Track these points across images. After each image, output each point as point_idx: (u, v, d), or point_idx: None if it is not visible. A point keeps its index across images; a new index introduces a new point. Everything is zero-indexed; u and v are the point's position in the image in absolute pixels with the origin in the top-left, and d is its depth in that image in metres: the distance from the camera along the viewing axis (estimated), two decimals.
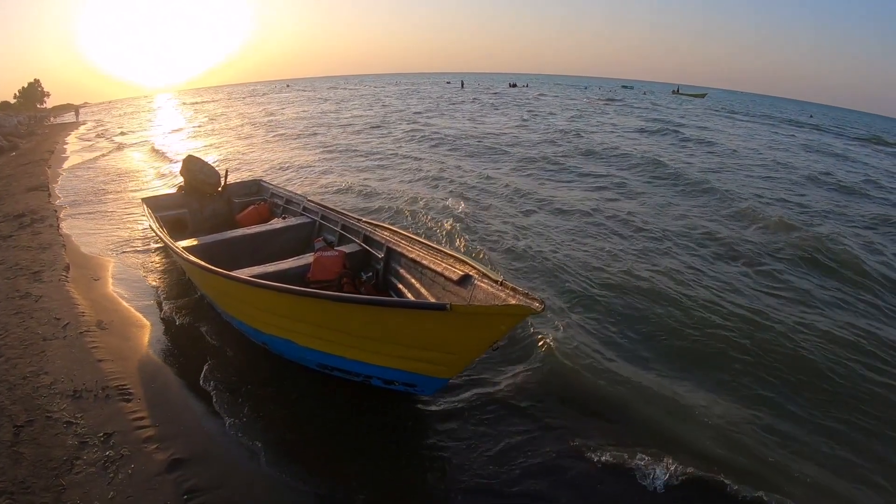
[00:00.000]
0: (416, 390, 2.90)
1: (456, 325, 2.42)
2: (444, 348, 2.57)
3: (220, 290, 3.78)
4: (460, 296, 2.97)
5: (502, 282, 2.68)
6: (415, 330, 2.57)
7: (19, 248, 6.13)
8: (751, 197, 8.59)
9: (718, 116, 29.41)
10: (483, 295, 2.78)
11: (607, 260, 5.56)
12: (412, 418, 3.11)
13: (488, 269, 2.91)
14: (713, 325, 4.17)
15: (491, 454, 2.81)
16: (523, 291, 2.49)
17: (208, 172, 6.34)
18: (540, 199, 8.28)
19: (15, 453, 2.73)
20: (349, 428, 3.02)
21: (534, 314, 2.33)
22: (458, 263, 3.18)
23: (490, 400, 3.25)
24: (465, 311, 2.37)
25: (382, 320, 2.66)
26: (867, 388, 3.49)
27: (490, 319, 2.37)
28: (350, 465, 2.75)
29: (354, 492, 2.59)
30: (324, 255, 4.10)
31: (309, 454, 2.83)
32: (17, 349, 3.79)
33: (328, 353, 3.03)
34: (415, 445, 2.92)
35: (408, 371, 2.76)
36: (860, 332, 4.19)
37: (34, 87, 58.55)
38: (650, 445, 2.83)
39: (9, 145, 17.78)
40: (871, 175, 12.26)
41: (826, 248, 5.92)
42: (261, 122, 23.65)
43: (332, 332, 2.92)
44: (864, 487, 2.68)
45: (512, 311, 2.34)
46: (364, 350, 2.85)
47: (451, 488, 2.63)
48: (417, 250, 3.71)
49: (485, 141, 14.49)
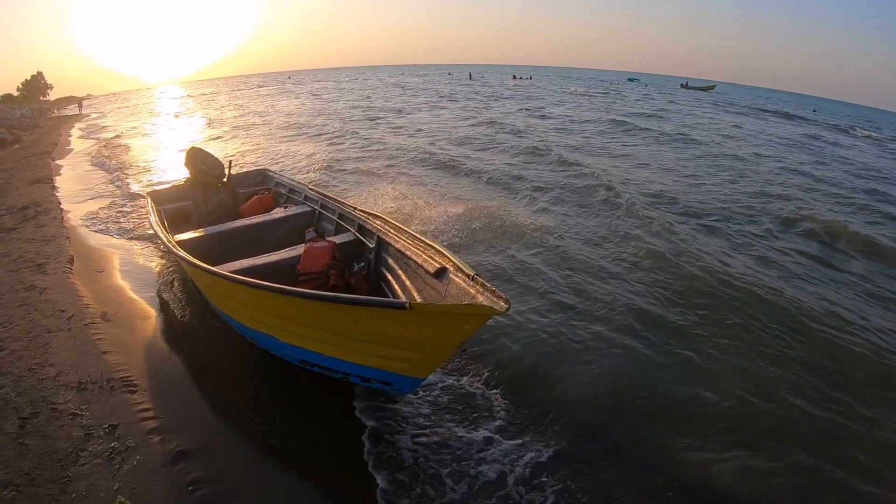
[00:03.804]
0: (393, 389, 2.85)
1: (419, 324, 2.36)
2: (411, 347, 2.51)
3: (207, 285, 3.78)
4: (437, 289, 2.93)
5: (474, 276, 2.63)
6: (380, 328, 2.52)
7: (23, 241, 6.14)
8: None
9: (700, 107, 29.11)
10: (456, 290, 2.73)
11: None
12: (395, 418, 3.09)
13: (462, 262, 2.85)
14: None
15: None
16: (491, 288, 2.43)
17: (211, 163, 6.31)
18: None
19: (20, 445, 2.74)
20: (349, 424, 3.03)
21: (497, 315, 2.21)
22: (436, 255, 3.15)
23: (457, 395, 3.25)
24: (425, 310, 2.29)
25: (350, 318, 2.61)
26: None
27: (452, 319, 2.27)
28: (349, 465, 2.75)
29: (357, 487, 2.59)
30: (314, 247, 4.05)
31: (310, 450, 2.84)
32: (21, 341, 3.80)
33: (307, 350, 3.01)
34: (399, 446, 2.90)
35: (382, 369, 2.72)
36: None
37: (37, 80, 58.55)
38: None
39: (12, 137, 17.80)
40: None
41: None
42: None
43: (308, 329, 2.89)
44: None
45: (474, 312, 2.23)
46: (339, 347, 2.81)
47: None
48: (404, 240, 3.67)
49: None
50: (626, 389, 3.34)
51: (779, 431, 3.02)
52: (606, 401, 3.24)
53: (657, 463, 2.77)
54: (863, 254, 6.08)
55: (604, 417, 3.11)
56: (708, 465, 2.75)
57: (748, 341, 3.89)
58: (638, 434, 2.98)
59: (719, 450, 2.86)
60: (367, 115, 20.32)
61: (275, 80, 69.00)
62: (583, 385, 3.38)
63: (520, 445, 2.85)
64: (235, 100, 34.83)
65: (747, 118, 24.90)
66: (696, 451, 2.84)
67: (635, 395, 3.29)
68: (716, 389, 3.34)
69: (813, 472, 2.73)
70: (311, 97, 33.16)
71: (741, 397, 3.27)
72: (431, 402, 3.19)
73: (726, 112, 27.56)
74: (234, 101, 33.05)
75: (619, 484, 2.64)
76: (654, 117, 20.69)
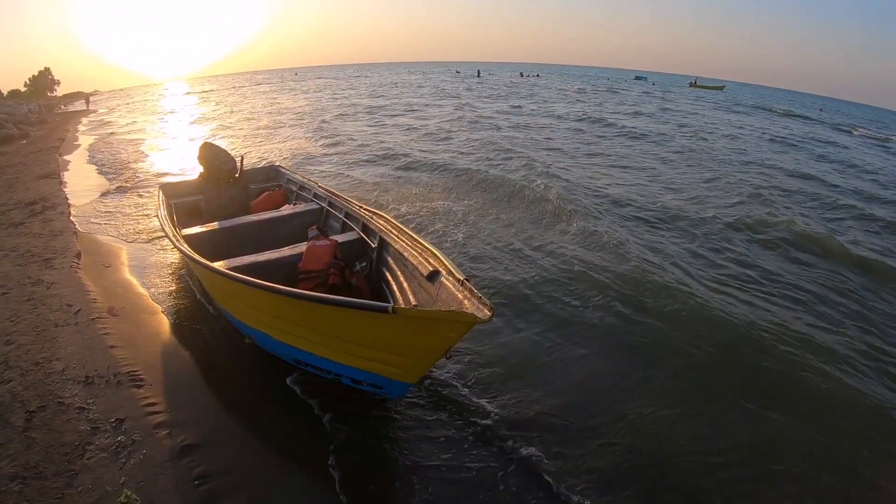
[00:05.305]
0: (382, 392, 2.83)
1: (403, 328, 2.35)
2: (397, 351, 2.50)
3: (208, 281, 3.77)
4: (429, 292, 2.92)
5: (464, 281, 2.62)
6: (367, 331, 2.52)
7: (31, 236, 6.18)
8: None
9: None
10: (446, 294, 2.71)
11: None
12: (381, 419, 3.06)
13: (454, 265, 2.83)
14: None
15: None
16: (478, 295, 2.41)
17: (224, 159, 6.31)
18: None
19: (27, 438, 2.76)
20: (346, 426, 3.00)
21: (481, 323, 2.19)
22: (431, 258, 3.13)
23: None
24: (409, 314, 2.28)
25: (338, 319, 2.60)
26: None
27: (436, 325, 2.26)
28: (350, 462, 2.74)
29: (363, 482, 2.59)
30: (315, 245, 4.02)
31: (311, 446, 2.83)
32: (29, 335, 3.81)
33: (300, 349, 3.00)
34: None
35: (372, 372, 2.71)
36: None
37: (44, 76, 58.76)
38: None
39: (20, 133, 17.88)
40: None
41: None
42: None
43: (300, 328, 2.88)
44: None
45: (457, 319, 2.21)
46: (330, 348, 2.81)
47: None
48: (403, 241, 3.66)
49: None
50: (608, 393, 3.32)
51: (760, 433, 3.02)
52: (597, 403, 3.22)
53: (646, 461, 2.77)
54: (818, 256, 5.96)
55: (595, 419, 3.08)
56: (692, 462, 2.77)
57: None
58: (629, 435, 2.97)
59: (706, 449, 2.86)
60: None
61: (279, 78, 69.01)
62: (567, 388, 3.36)
63: (507, 446, 2.83)
64: (246, 98, 34.90)
65: (737, 116, 25.12)
66: (685, 452, 2.84)
67: (622, 398, 3.27)
68: (700, 390, 3.36)
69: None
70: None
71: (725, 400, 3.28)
72: (421, 405, 3.16)
73: (716, 109, 27.89)
74: (245, 99, 33.15)
75: (607, 481, 2.64)
76: (639, 115, 21.39)
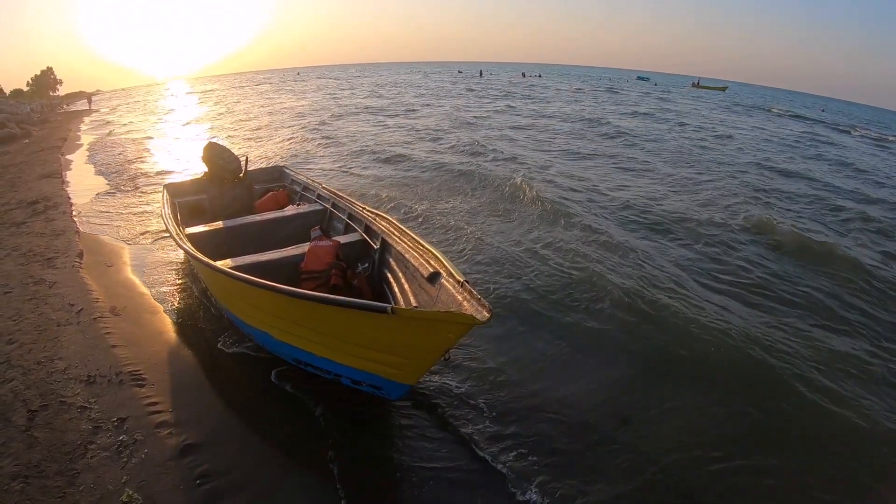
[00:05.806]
0: (381, 393, 2.83)
1: (402, 329, 2.35)
2: (395, 352, 2.50)
3: (209, 280, 3.77)
4: (430, 294, 2.92)
5: (464, 283, 2.62)
6: (365, 331, 2.52)
7: (33, 235, 6.19)
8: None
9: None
10: (446, 296, 2.71)
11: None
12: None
13: (454, 267, 2.84)
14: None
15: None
16: (477, 296, 2.41)
17: (228, 158, 6.31)
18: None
19: (29, 437, 2.76)
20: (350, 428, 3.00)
21: (479, 325, 2.20)
22: (432, 259, 3.13)
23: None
24: (408, 315, 2.29)
25: (337, 319, 2.60)
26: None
27: (435, 326, 2.26)
28: (349, 462, 2.74)
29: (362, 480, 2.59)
30: (318, 245, 4.02)
31: (311, 446, 2.83)
32: (31, 334, 3.82)
33: (300, 349, 3.00)
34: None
35: (371, 373, 2.70)
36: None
37: (47, 75, 58.88)
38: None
39: (22, 133, 17.91)
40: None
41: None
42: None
43: (300, 328, 2.88)
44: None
45: (456, 320, 2.21)
46: (329, 348, 2.81)
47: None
48: (405, 242, 3.66)
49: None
50: (609, 399, 3.30)
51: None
52: (594, 405, 3.21)
53: (645, 460, 2.77)
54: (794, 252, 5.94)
55: (591, 420, 3.08)
56: (692, 461, 2.77)
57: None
58: (628, 436, 2.97)
59: (699, 451, 2.85)
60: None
61: (279, 78, 69.00)
62: (564, 389, 3.35)
63: (504, 447, 2.83)
64: (249, 97, 34.94)
65: (733, 115, 25.15)
66: (684, 453, 2.84)
67: (622, 404, 3.25)
68: (701, 397, 3.33)
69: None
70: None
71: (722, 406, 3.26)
72: (420, 406, 3.15)
73: (716, 109, 27.97)
74: (248, 99, 33.19)
75: (604, 480, 2.64)
76: (636, 115, 21.45)
